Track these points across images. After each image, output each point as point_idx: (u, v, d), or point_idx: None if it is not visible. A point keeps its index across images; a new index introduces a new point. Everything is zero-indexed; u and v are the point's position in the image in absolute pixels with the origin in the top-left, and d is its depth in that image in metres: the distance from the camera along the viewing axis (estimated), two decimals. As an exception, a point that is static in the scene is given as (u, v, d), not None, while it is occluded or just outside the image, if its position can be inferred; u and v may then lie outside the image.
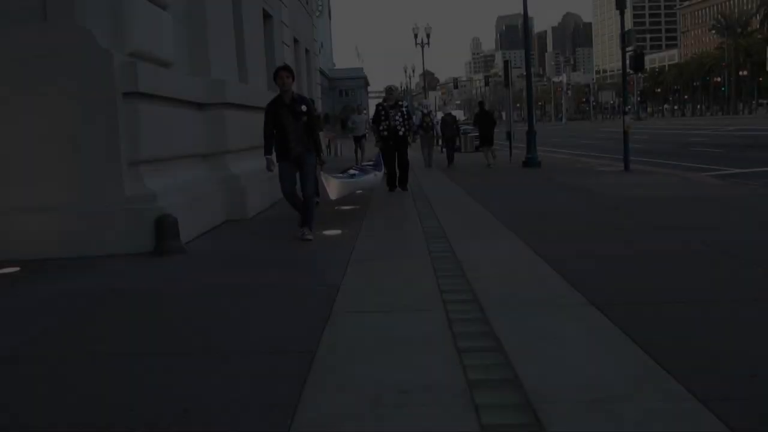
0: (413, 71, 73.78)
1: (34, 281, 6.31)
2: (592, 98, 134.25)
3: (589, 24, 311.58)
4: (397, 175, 13.39)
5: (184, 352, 4.01)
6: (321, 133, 11.61)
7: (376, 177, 11.69)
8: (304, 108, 7.81)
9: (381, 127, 13.28)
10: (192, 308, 5.06)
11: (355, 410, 3.05)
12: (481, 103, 23.44)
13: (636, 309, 4.47)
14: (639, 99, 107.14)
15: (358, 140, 23.79)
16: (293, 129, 7.74)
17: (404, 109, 13.58)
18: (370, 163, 13.21)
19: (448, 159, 21.22)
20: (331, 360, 3.71)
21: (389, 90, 14.08)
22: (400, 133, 13.20)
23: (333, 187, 8.89)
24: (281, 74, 7.82)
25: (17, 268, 6.86)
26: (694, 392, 3.05)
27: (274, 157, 8.04)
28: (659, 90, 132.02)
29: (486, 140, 20.32)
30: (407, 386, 3.27)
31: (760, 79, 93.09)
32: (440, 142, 25.12)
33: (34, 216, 7.36)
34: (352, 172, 10.98)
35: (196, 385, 3.43)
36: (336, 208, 10.28)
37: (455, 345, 3.87)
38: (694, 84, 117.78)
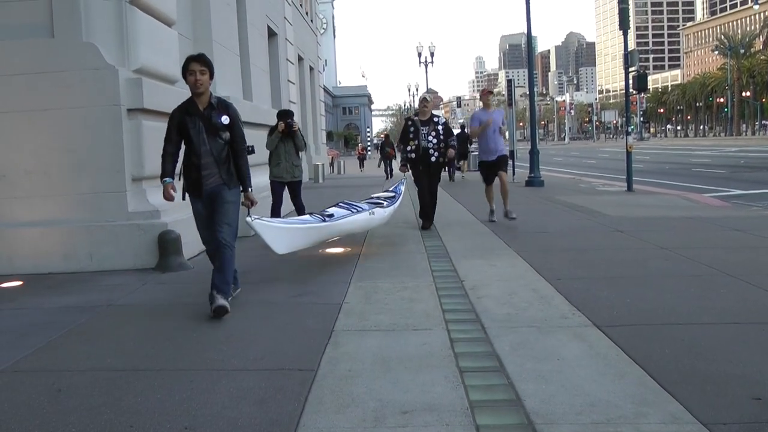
0: (417, 89, 74.17)
1: (36, 295, 6.31)
2: (595, 118, 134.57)
3: (593, 44, 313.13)
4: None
5: (184, 368, 4.00)
6: (306, 152, 10.38)
7: (373, 216, 8.32)
8: (225, 120, 5.38)
9: (408, 148, 10.13)
10: (193, 324, 5.05)
11: (356, 430, 3.04)
12: (462, 126, 26.57)
13: (639, 330, 4.46)
14: (642, 119, 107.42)
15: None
16: (208, 150, 5.33)
17: (440, 126, 10.13)
18: (384, 194, 10.07)
19: (450, 176, 21.95)
20: (333, 378, 3.70)
21: (423, 101, 10.65)
22: (433, 158, 9.99)
23: (274, 237, 6.13)
24: (192, 67, 5.35)
25: (20, 282, 6.88)
26: (697, 415, 3.04)
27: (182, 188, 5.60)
28: (662, 110, 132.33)
29: (461, 156, 23.27)
30: (409, 406, 3.26)
31: (763, 99, 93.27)
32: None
33: (37, 231, 7.39)
34: (330, 211, 7.62)
35: (197, 402, 3.42)
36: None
37: (457, 365, 3.86)
38: (697, 104, 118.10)
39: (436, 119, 10.24)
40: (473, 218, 11.40)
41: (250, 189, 5.59)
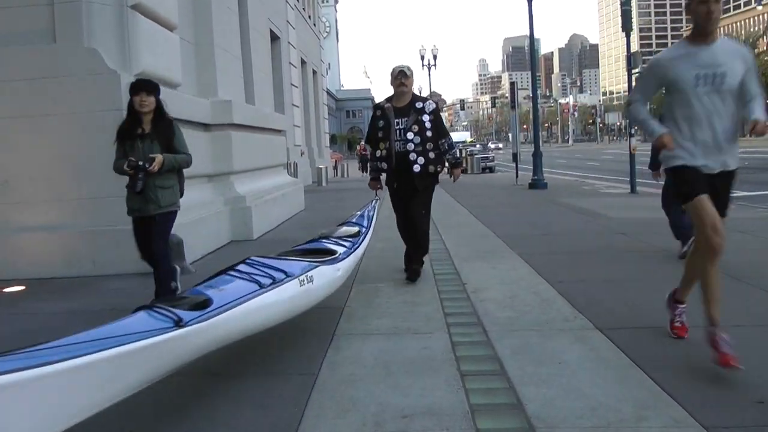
0: (420, 92, 74.13)
1: (38, 300, 6.32)
2: (598, 120, 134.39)
3: (596, 45, 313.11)
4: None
5: (184, 374, 3.98)
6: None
7: (310, 285, 4.21)
8: None
9: (378, 153, 6.44)
10: (195, 329, 5.04)
11: (355, 434, 3.03)
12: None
13: (641, 333, 4.44)
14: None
15: None
16: None
17: (427, 117, 6.30)
18: (345, 229, 6.26)
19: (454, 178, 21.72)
20: (333, 383, 3.69)
21: (401, 75, 6.39)
22: (416, 165, 6.22)
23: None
24: None
25: (23, 287, 6.88)
26: (699, 419, 3.02)
27: None
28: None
29: None
30: (409, 410, 3.25)
31: (767, 100, 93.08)
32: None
33: (39, 235, 7.40)
34: (209, 292, 3.48)
35: (197, 408, 3.42)
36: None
37: (458, 368, 3.84)
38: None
39: (420, 105, 6.36)
40: (474, 220, 11.37)
41: None
